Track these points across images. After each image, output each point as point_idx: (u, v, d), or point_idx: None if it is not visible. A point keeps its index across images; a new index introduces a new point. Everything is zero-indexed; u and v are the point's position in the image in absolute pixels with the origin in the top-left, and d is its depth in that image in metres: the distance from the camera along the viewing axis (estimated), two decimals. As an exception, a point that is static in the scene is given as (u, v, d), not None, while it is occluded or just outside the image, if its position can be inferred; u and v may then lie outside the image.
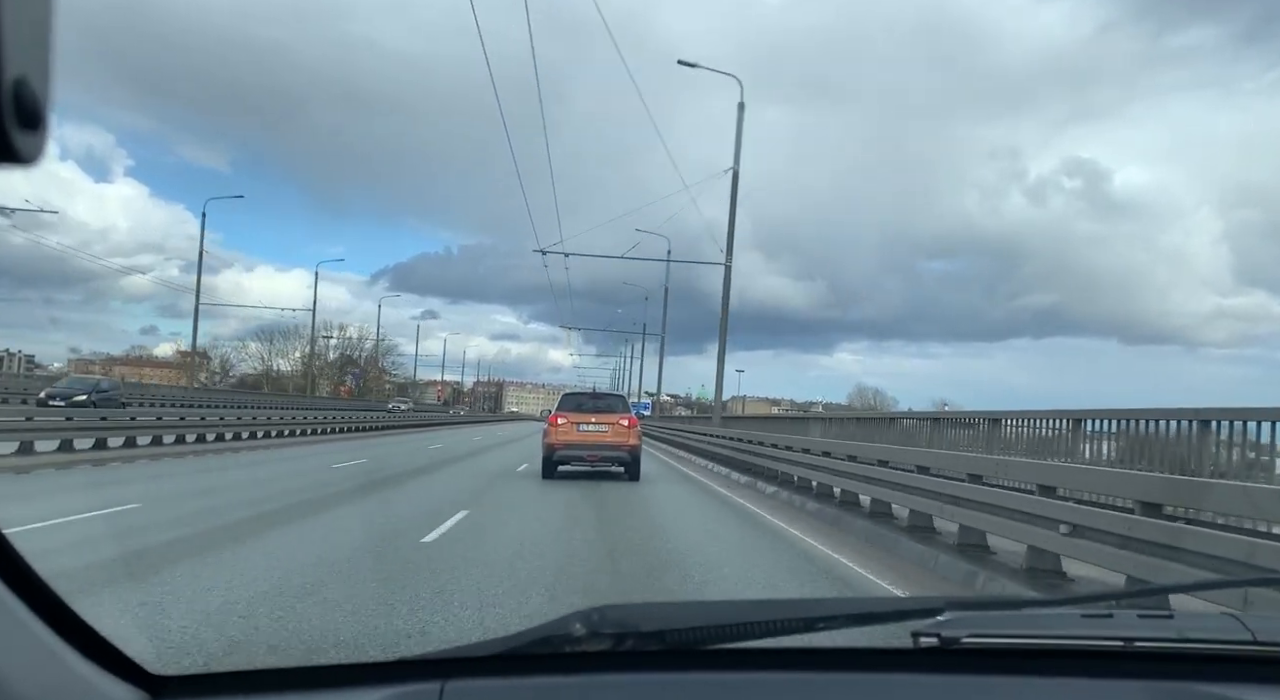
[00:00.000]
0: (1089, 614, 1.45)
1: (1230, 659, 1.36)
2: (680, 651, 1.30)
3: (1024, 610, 1.61)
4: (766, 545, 10.27)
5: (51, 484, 13.82)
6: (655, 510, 13.24)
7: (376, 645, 4.96)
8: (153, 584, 6.29)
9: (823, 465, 14.97)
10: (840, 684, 1.33)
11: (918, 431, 14.39)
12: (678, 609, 1.57)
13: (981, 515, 8.96)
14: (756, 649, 1.31)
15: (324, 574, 6.97)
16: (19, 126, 0.60)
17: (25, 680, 0.98)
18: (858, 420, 19.36)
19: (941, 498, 9.98)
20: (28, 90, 0.59)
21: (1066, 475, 8.03)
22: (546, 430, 17.94)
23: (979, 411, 12.54)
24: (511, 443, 36.43)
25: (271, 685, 1.30)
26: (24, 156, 0.61)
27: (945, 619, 1.34)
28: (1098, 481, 7.57)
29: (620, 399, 19.79)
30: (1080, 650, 1.37)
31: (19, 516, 9.22)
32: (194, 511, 10.70)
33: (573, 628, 1.23)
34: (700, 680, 1.31)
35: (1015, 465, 9.28)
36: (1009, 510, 8.38)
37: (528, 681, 1.28)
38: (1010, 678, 1.33)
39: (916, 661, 1.35)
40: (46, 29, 0.61)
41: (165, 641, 4.81)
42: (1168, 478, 7.07)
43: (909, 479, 11.17)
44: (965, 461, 10.11)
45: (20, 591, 1.03)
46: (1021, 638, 1.36)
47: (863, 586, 7.89)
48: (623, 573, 7.88)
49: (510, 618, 5.66)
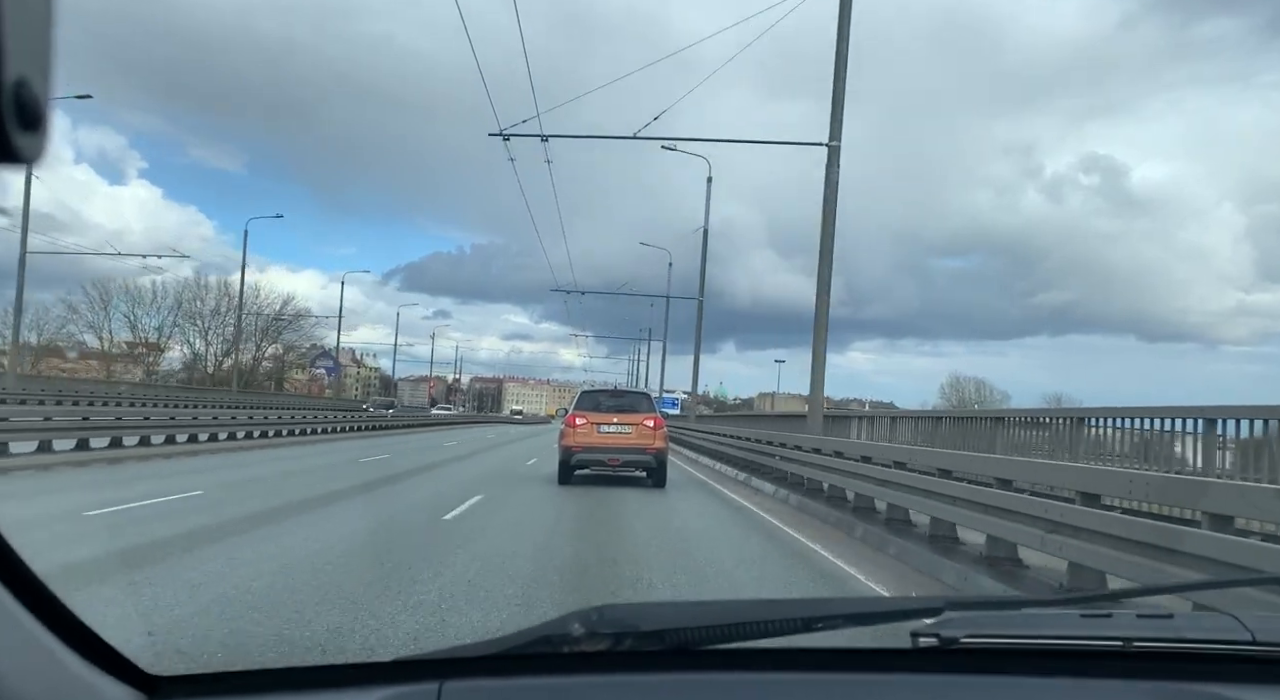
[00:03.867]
0: (1088, 614, 1.45)
1: (1229, 659, 1.36)
2: (679, 651, 1.30)
3: (1023, 610, 1.61)
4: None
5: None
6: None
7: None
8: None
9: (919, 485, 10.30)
10: (839, 684, 1.33)
11: (1052, 437, 11.33)
12: (676, 609, 1.57)
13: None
14: (756, 649, 1.31)
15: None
16: (19, 127, 0.60)
17: (21, 680, 0.98)
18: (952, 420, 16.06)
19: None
20: (28, 91, 0.60)
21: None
22: (564, 431, 16.61)
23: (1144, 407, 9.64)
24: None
25: (268, 685, 1.30)
26: (24, 157, 0.61)
27: (944, 619, 1.34)
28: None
29: (644, 397, 18.39)
30: (1079, 650, 1.37)
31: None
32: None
33: (571, 627, 1.23)
34: (699, 680, 1.31)
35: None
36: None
37: (526, 682, 1.28)
38: (1009, 678, 1.33)
39: (915, 661, 1.35)
40: (47, 30, 0.62)
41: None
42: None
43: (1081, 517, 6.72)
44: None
45: (16, 590, 1.03)
46: (1020, 638, 1.36)
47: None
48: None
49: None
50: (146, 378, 64.59)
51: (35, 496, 11.85)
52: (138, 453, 19.37)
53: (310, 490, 13.55)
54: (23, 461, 15.58)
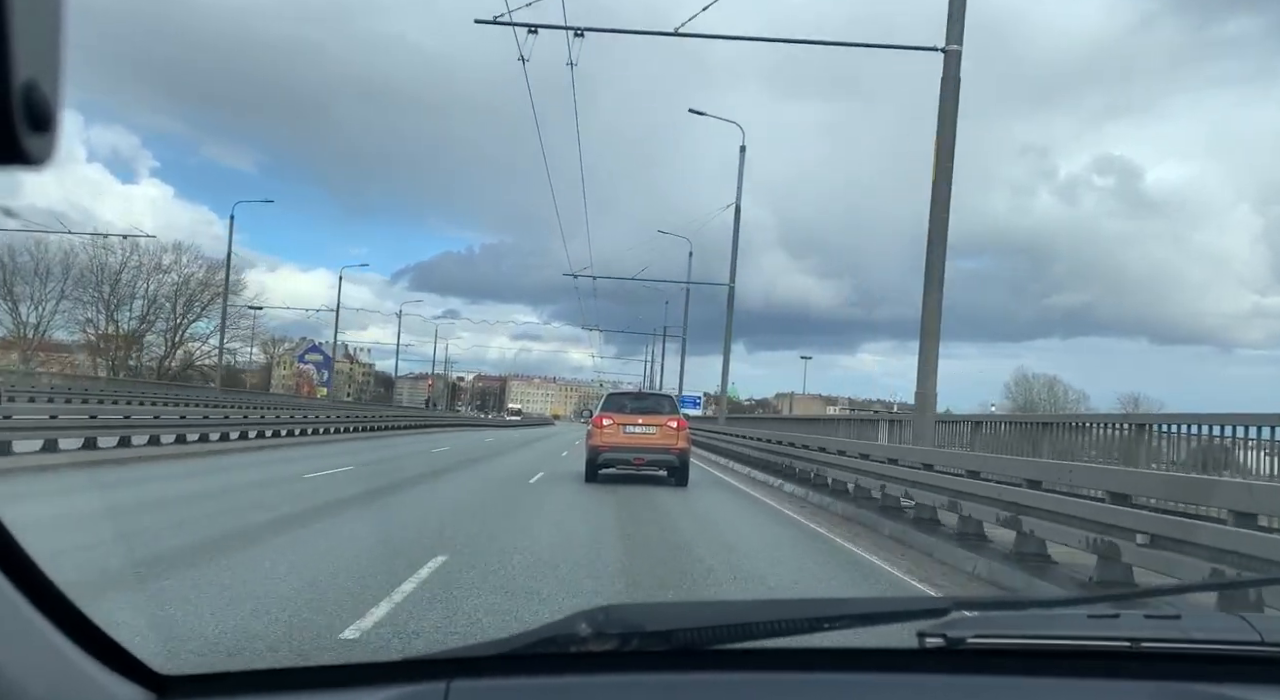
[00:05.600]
0: (1095, 614, 1.45)
1: (1237, 660, 1.35)
2: (686, 652, 1.30)
3: (1030, 610, 1.61)
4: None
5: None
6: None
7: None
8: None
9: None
10: (846, 684, 1.33)
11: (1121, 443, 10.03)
12: (684, 609, 1.57)
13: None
14: (762, 649, 1.31)
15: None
16: (29, 129, 0.60)
17: (31, 679, 0.98)
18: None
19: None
20: (38, 93, 0.60)
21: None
22: (590, 432, 17.33)
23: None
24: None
25: (277, 685, 1.30)
26: (34, 158, 0.61)
27: (951, 619, 1.34)
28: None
29: (668, 399, 19.12)
30: (1086, 651, 1.36)
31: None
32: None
33: (578, 627, 1.23)
34: (706, 680, 1.31)
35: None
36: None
37: (533, 681, 1.28)
38: (1016, 678, 1.33)
39: (922, 662, 1.35)
40: (56, 32, 0.62)
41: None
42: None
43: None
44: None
45: (26, 589, 1.04)
46: (1027, 638, 1.36)
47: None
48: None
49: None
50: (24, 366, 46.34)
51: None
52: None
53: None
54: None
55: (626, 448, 16.75)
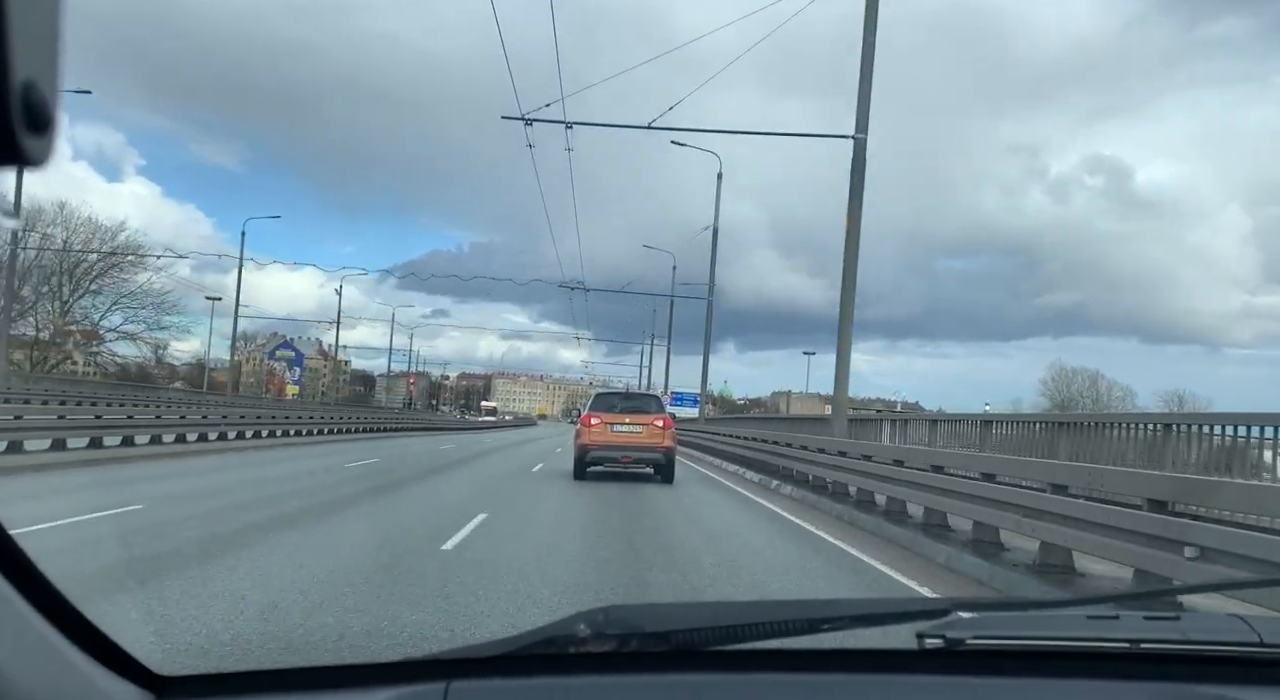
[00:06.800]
0: (1095, 615, 1.45)
1: (1236, 661, 1.35)
2: (685, 652, 1.30)
3: (1029, 611, 1.61)
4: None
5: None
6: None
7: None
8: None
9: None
10: (845, 685, 1.33)
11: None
12: (683, 610, 1.57)
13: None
14: (761, 650, 1.31)
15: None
16: (27, 129, 0.60)
17: (30, 680, 0.98)
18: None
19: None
20: (36, 93, 0.60)
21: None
22: (579, 430, 17.72)
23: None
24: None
25: (276, 686, 1.30)
26: (32, 159, 0.61)
27: (950, 620, 1.34)
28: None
29: (655, 399, 19.47)
30: (1086, 652, 1.36)
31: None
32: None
33: (577, 628, 1.23)
34: (705, 681, 1.31)
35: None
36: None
37: (532, 682, 1.28)
38: (1015, 679, 1.33)
39: (922, 663, 1.35)
40: (54, 32, 0.62)
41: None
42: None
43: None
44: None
45: (25, 591, 1.04)
46: (1027, 639, 1.36)
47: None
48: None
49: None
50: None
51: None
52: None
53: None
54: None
55: (614, 446, 17.08)
